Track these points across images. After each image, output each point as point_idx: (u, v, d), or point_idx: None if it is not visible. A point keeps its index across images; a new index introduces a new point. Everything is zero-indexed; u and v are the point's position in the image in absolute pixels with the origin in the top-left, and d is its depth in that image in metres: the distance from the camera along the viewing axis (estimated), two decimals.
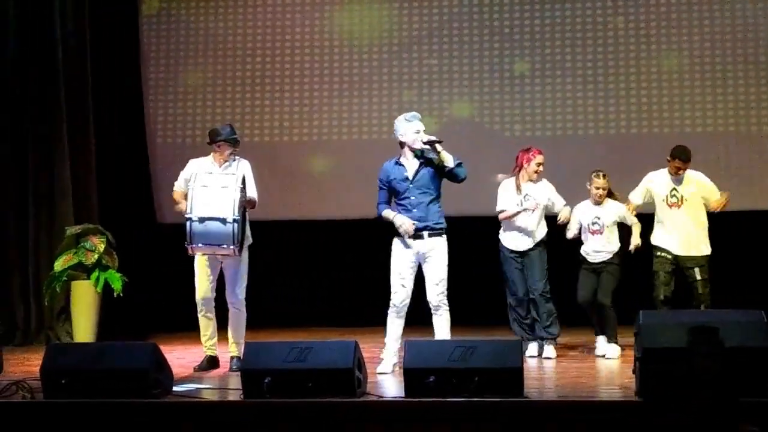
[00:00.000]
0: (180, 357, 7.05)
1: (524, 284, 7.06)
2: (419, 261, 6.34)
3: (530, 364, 6.56)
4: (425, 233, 6.28)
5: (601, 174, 7.13)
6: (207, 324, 6.69)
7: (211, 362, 6.67)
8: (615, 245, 7.09)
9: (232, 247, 6.28)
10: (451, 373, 5.03)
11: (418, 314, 6.49)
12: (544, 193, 7.09)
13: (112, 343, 6.12)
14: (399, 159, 6.42)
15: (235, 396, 5.31)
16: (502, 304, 7.22)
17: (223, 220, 6.23)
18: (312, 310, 9.36)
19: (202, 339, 6.71)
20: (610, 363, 6.69)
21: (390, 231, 6.42)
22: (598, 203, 7.13)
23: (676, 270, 6.96)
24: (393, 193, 6.40)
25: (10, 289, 8.54)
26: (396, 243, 6.38)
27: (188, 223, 6.26)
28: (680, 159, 6.93)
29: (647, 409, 4.87)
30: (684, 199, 6.94)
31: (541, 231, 7.10)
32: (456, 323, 6.35)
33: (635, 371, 5.15)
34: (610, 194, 7.17)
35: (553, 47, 9.43)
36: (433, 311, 6.35)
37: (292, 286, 9.54)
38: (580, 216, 7.15)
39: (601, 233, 7.07)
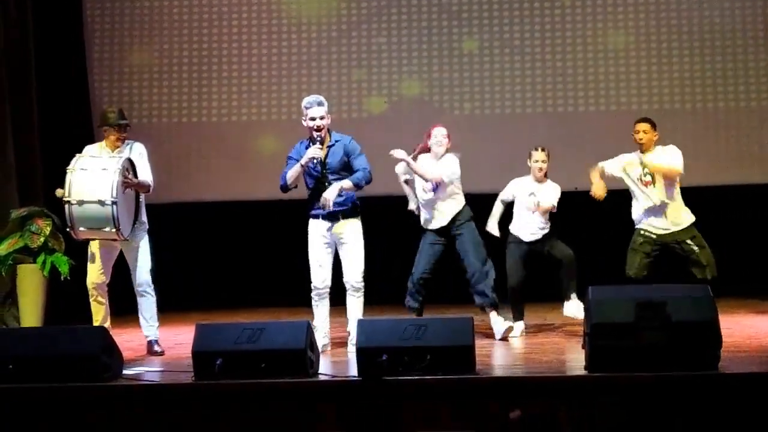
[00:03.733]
0: (129, 340, 6.98)
1: (430, 263, 6.78)
2: (335, 242, 6.40)
3: (482, 341, 6.60)
4: (340, 215, 6.35)
5: (539, 148, 6.99)
6: (98, 309, 6.58)
7: None
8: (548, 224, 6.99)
9: (113, 230, 6.22)
10: (403, 351, 5.06)
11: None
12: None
13: (60, 327, 6.04)
14: (309, 143, 6.42)
15: (186, 378, 5.28)
16: (447, 282, 7.17)
17: (102, 202, 6.17)
18: (268, 291, 9.30)
19: (94, 324, 6.55)
20: (560, 339, 6.75)
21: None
22: (538, 180, 6.99)
23: (659, 252, 6.77)
24: (306, 176, 6.42)
25: None
26: (311, 225, 6.44)
27: (66, 207, 6.21)
28: (644, 121, 6.81)
29: (596, 384, 4.94)
30: (655, 177, 6.80)
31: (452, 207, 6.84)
32: (389, 303, 6.37)
33: (584, 346, 5.21)
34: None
35: (501, 25, 9.45)
36: (349, 292, 6.41)
37: (244, 268, 9.49)
38: (515, 192, 7.00)
39: (533, 212, 6.92)
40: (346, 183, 6.30)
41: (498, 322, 6.80)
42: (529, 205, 6.96)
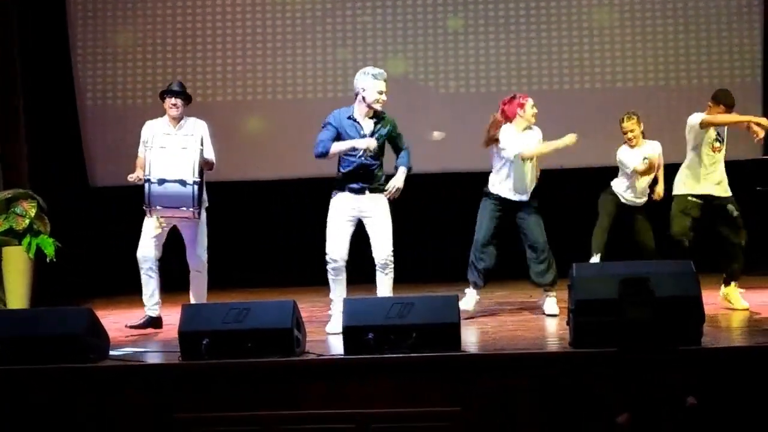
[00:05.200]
0: (115, 321, 6.97)
1: (492, 230, 6.71)
2: (359, 218, 6.27)
3: (468, 319, 6.62)
4: (367, 191, 6.20)
5: (624, 117, 7.21)
6: (147, 281, 6.54)
7: (152, 323, 6.58)
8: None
9: (191, 209, 6.24)
10: (389, 329, 5.08)
11: (357, 273, 6.49)
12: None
13: (46, 309, 6.05)
14: (353, 114, 6.20)
15: (173, 358, 5.29)
16: (437, 260, 7.17)
17: (183, 182, 6.18)
18: (253, 271, 9.31)
19: (143, 298, 6.59)
20: (545, 316, 6.77)
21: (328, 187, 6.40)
22: (632, 146, 7.17)
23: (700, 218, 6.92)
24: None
25: None
26: (336, 199, 6.27)
27: (147, 185, 6.19)
28: (725, 104, 6.87)
29: (581, 360, 4.97)
30: (725, 144, 6.96)
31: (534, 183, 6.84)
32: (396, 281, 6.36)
33: (569, 323, 5.24)
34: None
35: (486, 3, 9.43)
36: (379, 269, 6.24)
37: (231, 248, 9.47)
38: (627, 159, 7.16)
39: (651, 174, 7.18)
40: (404, 171, 6.26)
41: (552, 303, 6.79)
42: (639, 168, 7.12)
